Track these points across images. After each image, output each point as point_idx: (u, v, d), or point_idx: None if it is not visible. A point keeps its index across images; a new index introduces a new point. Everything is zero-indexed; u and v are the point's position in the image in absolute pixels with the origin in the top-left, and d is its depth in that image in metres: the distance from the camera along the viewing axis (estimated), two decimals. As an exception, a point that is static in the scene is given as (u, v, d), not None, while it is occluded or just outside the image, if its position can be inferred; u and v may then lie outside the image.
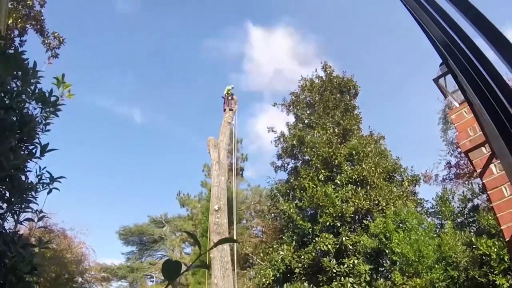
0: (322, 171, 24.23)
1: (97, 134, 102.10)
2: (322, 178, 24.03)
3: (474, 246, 17.48)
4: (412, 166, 27.12)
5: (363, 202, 22.47)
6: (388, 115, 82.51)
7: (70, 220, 69.03)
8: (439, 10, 2.17)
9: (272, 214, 29.25)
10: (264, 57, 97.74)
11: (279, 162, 28.95)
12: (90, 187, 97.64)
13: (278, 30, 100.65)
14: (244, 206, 46.52)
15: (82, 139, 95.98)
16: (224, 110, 25.38)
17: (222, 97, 26.19)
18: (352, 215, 22.49)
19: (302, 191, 24.05)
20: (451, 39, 2.10)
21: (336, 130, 25.76)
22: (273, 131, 29.51)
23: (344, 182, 23.60)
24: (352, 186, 23.38)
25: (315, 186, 23.36)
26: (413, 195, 25.04)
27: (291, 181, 26.47)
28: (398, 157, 26.30)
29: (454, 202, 22.17)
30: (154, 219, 59.60)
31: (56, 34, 18.09)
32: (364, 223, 22.77)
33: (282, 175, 32.24)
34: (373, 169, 23.66)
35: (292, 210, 23.80)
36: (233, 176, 29.78)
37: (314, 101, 28.60)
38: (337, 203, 22.30)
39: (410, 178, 25.43)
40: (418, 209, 23.47)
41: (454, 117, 6.04)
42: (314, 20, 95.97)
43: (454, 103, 6.94)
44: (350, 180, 23.62)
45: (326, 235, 22.00)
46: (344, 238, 21.89)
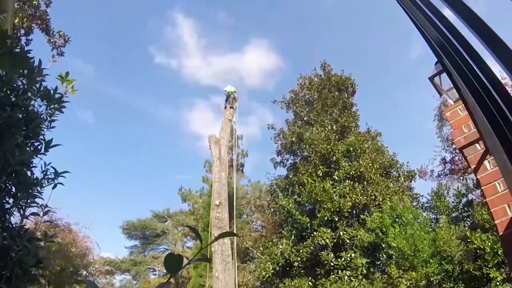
0: (321, 167, 24.24)
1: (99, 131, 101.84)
2: (321, 174, 24.05)
3: (469, 240, 17.50)
4: (408, 162, 27.15)
5: (360, 197, 22.49)
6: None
7: (75, 215, 69.17)
8: (434, 10, 2.17)
9: (271, 209, 29.25)
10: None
11: (279, 158, 28.98)
12: (94, 183, 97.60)
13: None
14: (244, 201, 46.56)
15: (84, 136, 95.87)
16: (225, 108, 25.39)
17: (224, 94, 26.22)
18: (349, 210, 22.52)
19: (301, 187, 24.06)
20: (446, 39, 2.10)
21: (334, 127, 25.76)
22: (272, 128, 29.61)
23: (341, 178, 23.62)
24: (349, 181, 23.40)
25: (314, 182, 23.37)
26: (409, 190, 25.07)
27: (290, 177, 26.49)
28: (394, 153, 26.38)
29: (449, 197, 22.17)
30: (156, 214, 59.67)
31: (61, 33, 18.08)
32: (361, 218, 22.77)
33: (282, 171, 32.22)
34: (370, 165, 23.68)
35: (291, 205, 23.82)
36: (233, 172, 29.78)
37: (313, 98, 28.59)
38: (335, 198, 22.32)
39: (406, 173, 25.47)
40: (414, 204, 23.48)
41: (449, 114, 6.04)
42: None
43: (449, 101, 6.95)
44: (348, 175, 23.64)
45: (324, 230, 22.03)
46: (341, 233, 21.92)
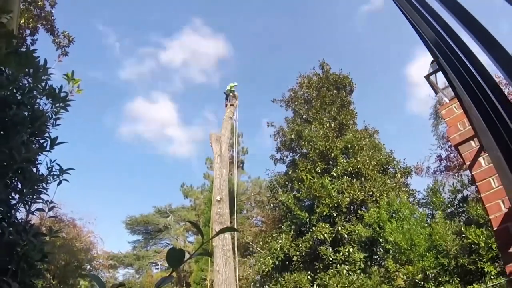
0: (319, 164, 24.25)
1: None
2: (319, 171, 24.06)
3: (464, 235, 17.54)
4: (404, 159, 27.25)
5: (358, 193, 22.51)
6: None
7: (79, 210, 69.07)
8: (430, 10, 2.17)
9: (271, 205, 29.29)
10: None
11: (278, 155, 28.98)
12: (98, 179, 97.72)
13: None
14: (244, 197, 46.66)
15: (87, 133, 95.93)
16: (226, 106, 25.38)
17: (225, 93, 26.18)
18: (347, 206, 22.54)
19: (300, 183, 24.07)
20: (442, 38, 2.10)
21: (332, 124, 25.76)
22: (272, 126, 29.65)
23: (340, 174, 23.64)
24: (347, 178, 23.41)
25: (312, 178, 23.39)
26: (405, 187, 25.08)
27: (290, 173, 26.50)
28: (391, 150, 26.39)
29: (445, 193, 22.20)
30: (159, 210, 59.82)
31: (66, 33, 18.10)
32: (359, 213, 22.78)
33: (281, 168, 32.34)
34: (367, 161, 23.70)
35: (290, 201, 23.84)
36: (234, 168, 29.79)
37: (312, 97, 28.60)
38: (333, 194, 22.34)
39: (402, 170, 25.48)
40: (410, 200, 23.51)
41: (444, 112, 6.04)
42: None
43: (445, 99, 6.95)
44: (346, 172, 23.66)
45: (323, 225, 22.05)
46: (339, 228, 21.94)
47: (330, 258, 21.30)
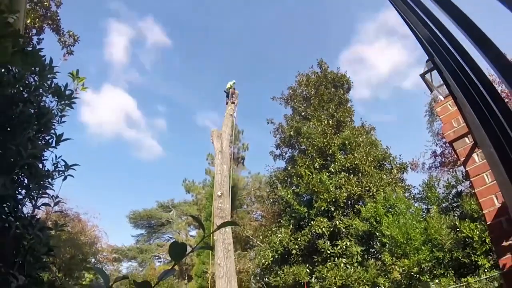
0: (317, 160, 24.27)
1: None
2: (317, 166, 24.07)
3: (458, 229, 17.56)
4: (400, 155, 27.25)
5: (355, 189, 22.51)
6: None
7: (84, 205, 69.17)
8: (425, 10, 2.17)
9: (271, 200, 29.28)
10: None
11: (278, 152, 29.05)
12: (103, 175, 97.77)
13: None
14: (245, 192, 46.64)
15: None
16: (226, 103, 25.36)
17: (225, 91, 26.15)
18: (345, 201, 22.54)
19: (298, 178, 24.09)
20: (437, 38, 2.10)
21: (330, 121, 25.77)
22: (272, 123, 29.66)
23: (337, 170, 23.64)
24: (345, 173, 23.41)
25: (311, 174, 23.40)
26: (401, 182, 25.10)
27: (289, 169, 26.53)
28: (387, 146, 26.39)
29: (440, 188, 22.22)
30: (161, 204, 59.90)
31: (71, 33, 18.09)
32: (356, 208, 22.79)
33: (280, 164, 32.31)
34: (364, 157, 23.70)
35: (289, 196, 23.86)
36: (234, 164, 29.78)
37: (310, 95, 28.61)
38: (331, 189, 22.36)
39: (398, 166, 25.49)
40: (406, 195, 23.54)
41: (439, 109, 6.04)
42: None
43: (440, 97, 6.95)
44: (343, 168, 23.66)
45: (321, 219, 22.07)
46: (337, 222, 21.95)
47: (328, 252, 21.32)
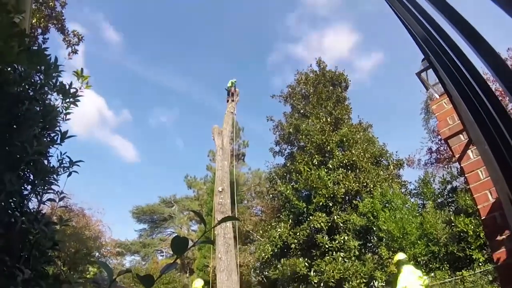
0: (316, 156, 24.26)
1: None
2: (316, 163, 24.06)
3: (453, 224, 17.61)
4: (397, 151, 27.31)
5: (353, 184, 22.51)
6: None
7: (88, 200, 69.17)
8: (421, 10, 2.18)
9: (270, 195, 29.30)
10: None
11: (277, 148, 29.03)
12: (106, 171, 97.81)
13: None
14: (245, 187, 46.66)
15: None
16: (227, 101, 25.37)
17: (225, 89, 26.15)
18: (343, 196, 22.54)
19: (297, 174, 24.10)
20: (432, 37, 2.10)
21: (328, 119, 25.75)
22: (271, 120, 29.65)
23: (335, 166, 23.63)
24: (343, 169, 23.41)
25: (310, 170, 23.41)
26: (397, 178, 25.11)
27: (288, 165, 26.56)
28: (384, 143, 26.40)
29: (435, 184, 22.30)
30: (164, 200, 59.93)
31: (75, 32, 18.09)
32: (353, 203, 22.83)
33: (280, 160, 32.33)
34: (361, 154, 23.69)
35: (288, 191, 23.89)
36: (235, 160, 29.80)
37: (309, 93, 28.58)
38: (329, 185, 22.36)
39: (395, 162, 25.51)
40: (402, 190, 23.56)
41: (435, 107, 6.03)
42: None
43: (435, 95, 6.94)
44: (341, 164, 23.65)
45: (319, 214, 22.07)
46: (335, 217, 21.96)
47: (327, 246, 21.33)
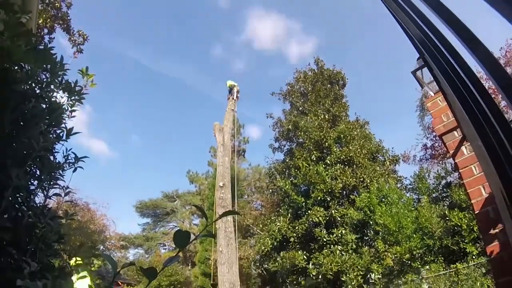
0: (314, 152, 24.26)
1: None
2: (314, 158, 24.07)
3: (447, 218, 17.63)
4: (393, 148, 27.28)
5: (350, 179, 22.51)
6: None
7: (93, 195, 69.37)
8: (416, 10, 2.18)
9: (270, 190, 29.34)
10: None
11: (276, 144, 29.04)
12: (111, 166, 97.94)
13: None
14: (245, 183, 46.75)
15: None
16: (228, 99, 25.36)
17: (228, 86, 26.16)
18: (340, 191, 22.54)
19: (296, 170, 24.11)
20: (427, 36, 2.10)
21: (326, 116, 25.75)
22: (271, 117, 29.69)
23: (333, 162, 23.63)
24: (340, 165, 23.40)
25: (308, 166, 23.41)
26: (393, 173, 25.12)
27: (287, 161, 26.60)
28: (380, 139, 26.42)
29: (430, 179, 22.31)
30: (166, 194, 60.09)
31: (80, 32, 18.09)
32: (351, 198, 22.81)
33: (279, 156, 32.37)
34: (358, 150, 23.68)
35: (287, 186, 23.90)
36: (236, 156, 29.81)
37: (307, 90, 28.58)
38: (327, 180, 22.36)
39: (391, 158, 25.51)
40: (398, 185, 23.60)
41: (429, 105, 6.04)
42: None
43: (430, 93, 6.95)
44: (339, 160, 23.65)
45: (318, 208, 22.08)
46: (333, 211, 21.96)
47: (325, 239, 21.34)
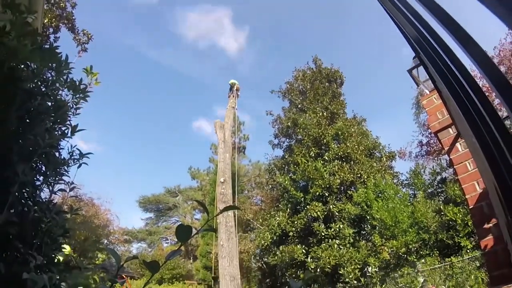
0: (313, 149, 24.29)
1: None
2: (313, 155, 24.09)
3: (442, 213, 17.65)
4: (389, 144, 27.27)
5: (348, 175, 22.53)
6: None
7: (97, 190, 69.41)
8: (412, 11, 2.18)
9: (269, 186, 29.40)
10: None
11: (276, 141, 29.10)
12: (114, 162, 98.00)
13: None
14: (245, 178, 46.76)
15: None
16: (228, 97, 25.36)
17: (230, 84, 26.15)
18: (338, 186, 22.56)
19: (295, 166, 24.15)
20: (423, 36, 2.10)
21: (324, 113, 25.77)
22: (271, 114, 29.71)
23: (331, 158, 23.65)
24: (338, 161, 23.43)
25: (307, 162, 23.44)
26: (390, 169, 25.13)
27: (286, 157, 26.63)
28: (377, 136, 26.44)
29: (425, 175, 22.32)
30: (169, 190, 60.18)
31: (85, 31, 18.06)
32: (348, 193, 22.83)
33: (278, 152, 32.33)
34: (356, 147, 23.71)
35: (287, 182, 23.93)
36: (236, 153, 29.82)
37: (306, 89, 28.60)
38: (325, 176, 22.39)
39: (387, 154, 25.51)
40: (395, 181, 23.60)
41: (425, 102, 6.04)
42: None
43: (425, 91, 6.96)
44: (337, 156, 23.67)
45: (316, 204, 22.11)
46: (331, 206, 21.98)
47: (323, 234, 21.37)
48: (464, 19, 1.80)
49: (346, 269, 19.55)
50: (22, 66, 2.50)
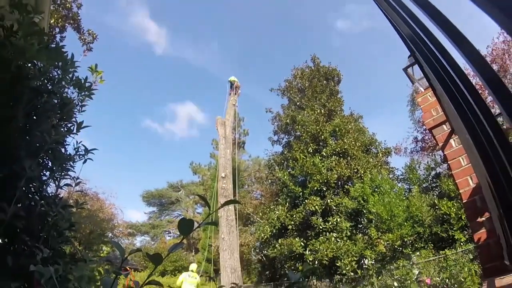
0: (311, 145, 24.31)
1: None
2: (311, 151, 24.10)
3: (437, 207, 17.67)
4: (385, 140, 27.34)
5: (345, 171, 22.55)
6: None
7: (102, 185, 69.46)
8: (407, 10, 2.18)
9: (269, 181, 29.52)
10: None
11: (275, 137, 29.24)
12: (119, 158, 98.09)
13: None
14: (246, 174, 46.76)
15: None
16: (229, 94, 25.33)
17: (229, 81, 26.11)
18: (335, 181, 22.60)
19: (294, 162, 24.17)
20: (417, 35, 2.10)
21: (322, 111, 25.78)
22: (270, 112, 29.76)
23: (329, 154, 23.66)
24: (335, 157, 23.43)
25: (305, 157, 23.46)
26: (386, 165, 25.14)
27: (285, 153, 26.68)
28: (374, 133, 26.46)
29: (420, 170, 22.34)
30: (171, 185, 60.28)
31: (90, 31, 18.07)
32: (345, 188, 22.86)
33: (278, 148, 32.41)
34: (353, 143, 23.72)
35: (286, 177, 23.98)
36: (236, 149, 29.82)
37: (304, 86, 28.61)
38: (323, 171, 22.41)
39: (383, 150, 25.52)
40: (390, 176, 23.62)
41: (420, 100, 6.04)
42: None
43: (420, 89, 6.94)
44: (334, 152, 23.67)
45: (314, 198, 22.14)
46: (329, 200, 22.01)
47: (321, 227, 21.40)
48: (458, 19, 1.80)
49: (343, 261, 19.58)
50: (29, 64, 2.50)
